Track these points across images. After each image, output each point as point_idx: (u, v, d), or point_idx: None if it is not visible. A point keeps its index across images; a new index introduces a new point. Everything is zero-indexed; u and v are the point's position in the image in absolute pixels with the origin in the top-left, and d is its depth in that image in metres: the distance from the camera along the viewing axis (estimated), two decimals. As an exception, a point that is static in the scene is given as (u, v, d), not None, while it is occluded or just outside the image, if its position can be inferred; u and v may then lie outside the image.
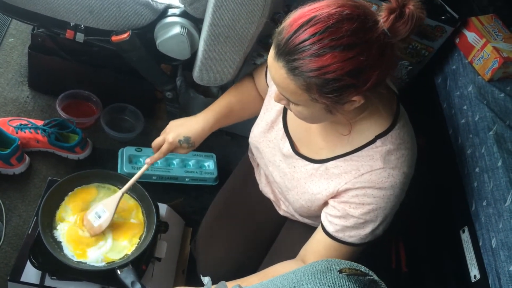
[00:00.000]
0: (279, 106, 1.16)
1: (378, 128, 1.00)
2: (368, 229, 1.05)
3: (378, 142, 1.00)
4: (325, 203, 1.10)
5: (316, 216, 1.15)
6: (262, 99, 1.28)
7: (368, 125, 1.00)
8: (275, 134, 1.17)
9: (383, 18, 0.82)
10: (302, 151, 1.13)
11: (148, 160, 1.24)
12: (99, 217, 1.21)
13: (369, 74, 0.84)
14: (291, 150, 1.13)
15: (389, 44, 0.84)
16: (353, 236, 1.06)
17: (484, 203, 1.30)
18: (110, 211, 1.21)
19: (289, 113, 1.14)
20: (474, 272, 1.29)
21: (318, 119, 1.00)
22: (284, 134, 1.15)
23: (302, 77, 0.85)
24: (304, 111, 0.95)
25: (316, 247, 1.10)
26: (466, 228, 1.36)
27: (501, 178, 1.29)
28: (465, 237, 1.36)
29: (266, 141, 1.20)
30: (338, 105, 0.89)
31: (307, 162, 1.11)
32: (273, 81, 0.93)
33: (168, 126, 1.25)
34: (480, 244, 1.29)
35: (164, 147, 1.22)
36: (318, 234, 1.11)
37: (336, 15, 0.82)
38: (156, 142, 1.24)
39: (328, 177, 1.06)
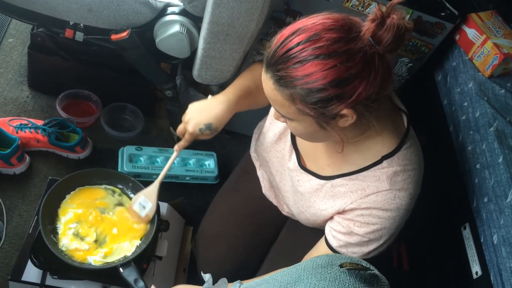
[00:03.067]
0: None
1: (384, 148, 0.99)
2: (371, 247, 1.05)
3: (385, 163, 0.99)
4: (331, 217, 1.10)
5: (321, 226, 1.15)
6: None
7: (374, 144, 1.00)
8: (283, 145, 1.17)
9: (365, 27, 0.83)
10: (309, 165, 1.12)
11: (176, 147, 1.21)
12: (144, 207, 1.26)
13: (354, 85, 0.83)
14: (297, 164, 1.13)
15: (376, 54, 0.83)
16: (356, 252, 1.06)
17: (485, 199, 1.30)
18: (152, 200, 1.26)
19: None
20: (475, 269, 1.28)
21: (314, 136, 0.97)
22: (292, 146, 1.14)
23: (286, 87, 0.86)
24: (298, 127, 0.95)
25: None
26: (467, 225, 1.36)
27: (502, 174, 1.29)
28: (467, 233, 1.35)
29: (274, 152, 1.19)
30: (328, 118, 0.88)
31: (312, 177, 1.10)
32: (266, 95, 0.94)
33: (187, 112, 1.17)
34: (482, 240, 1.28)
35: (187, 137, 1.17)
36: (321, 246, 1.11)
37: (320, 25, 0.84)
38: (179, 130, 1.18)
39: (334, 195, 1.06)
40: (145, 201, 1.26)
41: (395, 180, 0.98)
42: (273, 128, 1.19)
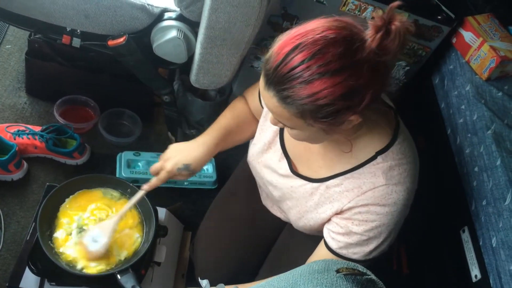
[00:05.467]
0: (275, 127, 1.14)
1: (378, 144, 0.99)
2: (372, 246, 1.04)
3: (379, 158, 0.99)
4: (328, 219, 1.09)
5: (319, 232, 1.14)
6: (257, 122, 1.26)
7: (367, 142, 0.99)
8: (271, 155, 1.16)
9: (370, 37, 0.81)
10: (301, 170, 1.12)
11: (145, 187, 1.20)
12: (96, 241, 1.17)
13: (362, 95, 0.83)
14: (288, 170, 1.12)
15: (380, 61, 0.83)
16: (357, 252, 1.05)
17: (484, 202, 1.30)
18: (107, 235, 1.17)
19: (286, 132, 1.13)
20: (475, 272, 1.28)
21: (317, 140, 0.99)
22: (283, 154, 1.14)
23: (294, 105, 0.84)
24: (301, 134, 0.95)
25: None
26: (466, 228, 1.36)
27: (500, 177, 1.28)
28: (465, 236, 1.35)
29: (264, 162, 1.19)
30: (335, 126, 0.88)
31: (305, 182, 1.10)
32: (267, 108, 0.93)
33: (167, 152, 1.20)
34: (481, 243, 1.28)
35: (162, 175, 1.17)
36: (321, 249, 1.10)
37: (321, 40, 0.81)
38: (154, 167, 1.19)
39: (329, 196, 1.06)
40: (99, 235, 1.17)
41: (391, 174, 0.98)
42: (262, 138, 1.19)
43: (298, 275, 0.68)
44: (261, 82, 0.89)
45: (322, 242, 1.11)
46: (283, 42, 0.84)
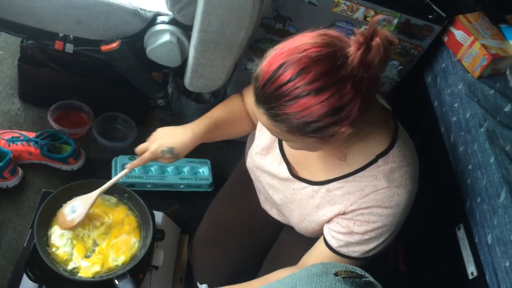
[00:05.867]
0: None
1: (378, 147, 1.00)
2: (372, 245, 1.05)
3: (380, 161, 0.99)
4: (329, 220, 1.10)
5: (321, 234, 1.15)
6: (250, 120, 1.27)
7: (366, 145, 1.00)
8: (270, 159, 1.17)
9: (351, 54, 0.82)
10: (301, 173, 1.12)
11: (128, 165, 1.22)
12: (74, 211, 1.20)
13: (349, 109, 0.84)
14: (288, 174, 1.13)
15: (366, 76, 0.83)
16: (357, 251, 1.06)
17: (478, 200, 1.31)
18: (85, 207, 1.20)
19: None
20: (471, 269, 1.29)
21: (313, 149, 1.00)
22: (282, 158, 1.14)
23: (283, 122, 0.86)
24: (296, 145, 0.98)
25: (318, 259, 1.10)
26: (461, 225, 1.37)
27: (494, 174, 1.30)
28: (461, 234, 1.36)
29: (263, 166, 1.19)
30: (326, 138, 0.89)
31: (306, 185, 1.10)
32: (262, 124, 0.94)
33: (154, 133, 1.22)
34: (476, 240, 1.29)
35: (146, 155, 1.19)
36: (321, 246, 1.11)
37: (305, 58, 0.82)
38: (140, 148, 1.21)
39: (331, 199, 1.06)
40: (78, 206, 1.20)
41: (392, 177, 0.99)
42: (260, 143, 1.19)
43: (297, 278, 0.69)
44: (253, 98, 0.91)
45: (321, 239, 1.12)
46: (269, 59, 0.86)
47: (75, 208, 1.20)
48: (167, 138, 1.19)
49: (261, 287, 0.77)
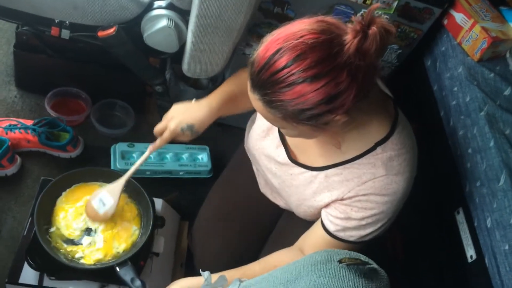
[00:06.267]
0: None
1: (377, 135, 0.99)
2: (368, 230, 1.06)
3: (379, 149, 0.99)
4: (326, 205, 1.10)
5: (319, 217, 1.15)
6: None
7: (365, 132, 1.00)
8: (270, 142, 1.16)
9: (348, 42, 0.81)
10: (300, 158, 1.12)
11: (150, 148, 1.20)
12: (104, 204, 1.19)
13: (344, 97, 0.83)
14: (286, 158, 1.13)
15: (361, 65, 0.82)
16: (354, 236, 1.07)
17: (478, 184, 1.31)
18: (114, 197, 1.20)
19: None
20: (470, 253, 1.30)
21: (308, 136, 1.00)
22: (280, 142, 1.14)
23: (277, 109, 0.86)
24: (291, 132, 0.97)
25: (315, 241, 1.11)
26: (460, 209, 1.37)
27: (493, 158, 1.30)
28: (460, 218, 1.37)
29: (262, 149, 1.19)
30: (321, 125, 0.89)
31: (304, 170, 1.10)
32: (256, 110, 0.94)
33: (170, 111, 1.19)
34: (475, 224, 1.30)
35: (166, 134, 1.16)
36: (318, 229, 1.11)
37: (301, 45, 0.81)
38: (158, 127, 1.18)
39: (329, 185, 1.06)
40: (107, 197, 1.20)
41: (390, 165, 0.99)
42: (260, 125, 1.19)
43: (300, 266, 0.69)
44: (248, 84, 0.90)
45: (318, 222, 1.12)
46: (266, 45, 0.85)
47: (104, 200, 1.19)
48: (184, 115, 1.16)
49: (265, 274, 0.78)
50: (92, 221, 1.21)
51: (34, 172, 1.60)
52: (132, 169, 1.22)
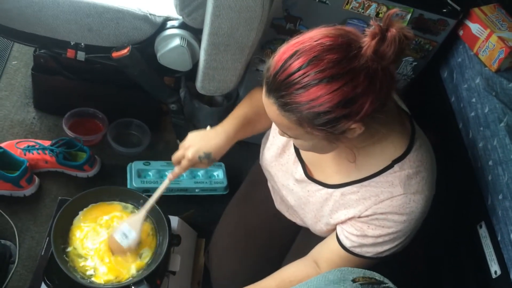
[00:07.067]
0: None
1: (394, 152, 0.97)
2: (386, 247, 1.04)
3: (396, 167, 0.97)
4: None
5: None
6: None
7: (382, 149, 0.98)
8: (287, 158, 1.15)
9: (366, 44, 0.80)
10: (316, 175, 1.11)
11: (170, 176, 1.20)
12: (126, 237, 1.18)
13: (361, 103, 0.82)
14: (303, 175, 1.11)
15: (379, 69, 0.81)
16: (370, 252, 1.05)
17: (500, 197, 1.27)
18: (136, 230, 1.19)
19: None
20: (494, 268, 1.26)
21: (323, 150, 0.97)
22: (296, 158, 1.13)
23: (292, 112, 0.84)
24: (305, 144, 0.94)
25: (331, 256, 1.09)
26: (483, 223, 1.33)
27: (515, 170, 1.26)
28: (483, 232, 1.33)
29: (278, 165, 1.18)
30: (336, 135, 0.87)
31: (320, 187, 1.09)
32: (269, 117, 0.92)
33: (187, 140, 1.19)
34: (499, 238, 1.26)
35: (184, 163, 1.17)
36: (334, 244, 1.09)
37: (318, 47, 0.81)
38: (176, 156, 1.19)
39: (345, 203, 1.05)
40: (129, 230, 1.19)
41: (409, 183, 0.97)
42: (276, 142, 1.18)
43: (313, 286, 0.67)
44: (263, 90, 0.89)
45: (333, 235, 1.10)
46: (282, 50, 0.85)
47: (126, 233, 1.19)
48: (201, 143, 1.16)
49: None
50: (116, 254, 1.20)
51: (52, 192, 1.61)
52: (153, 199, 1.22)
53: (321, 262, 1.11)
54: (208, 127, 1.19)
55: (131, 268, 1.20)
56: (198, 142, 1.16)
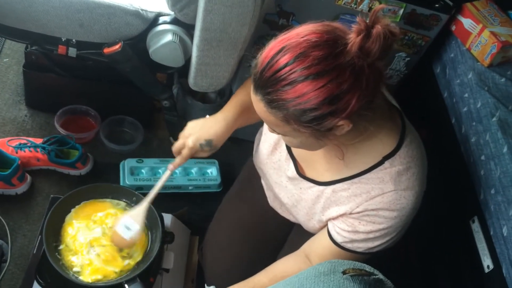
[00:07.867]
0: None
1: (384, 148, 0.97)
2: (376, 243, 1.04)
3: (387, 163, 0.97)
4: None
5: None
6: None
7: (372, 146, 0.98)
8: (279, 156, 1.15)
9: (351, 41, 0.80)
10: (307, 172, 1.10)
11: (170, 166, 1.19)
12: (129, 229, 1.18)
13: (347, 99, 0.81)
14: (295, 172, 1.11)
15: (365, 66, 0.81)
16: (361, 247, 1.05)
17: (492, 191, 1.28)
18: (139, 222, 1.18)
19: None
20: (487, 262, 1.26)
21: (310, 147, 0.97)
22: (288, 155, 1.13)
23: (279, 109, 0.84)
24: (294, 141, 0.94)
25: (322, 251, 1.09)
26: (475, 218, 1.34)
27: (508, 165, 1.26)
28: (475, 227, 1.33)
29: (270, 163, 1.18)
30: (323, 132, 0.86)
31: (312, 184, 1.09)
32: (258, 115, 0.92)
33: (187, 129, 1.17)
34: (491, 233, 1.26)
35: (185, 152, 1.15)
36: (325, 239, 1.09)
37: (305, 43, 0.80)
38: (176, 146, 1.17)
39: (336, 200, 1.05)
40: (131, 223, 1.18)
41: (399, 180, 0.97)
42: (267, 139, 1.17)
43: (304, 278, 0.67)
44: (251, 86, 0.89)
45: (324, 230, 1.10)
46: (270, 46, 0.85)
47: (128, 225, 1.18)
48: (202, 131, 1.15)
49: (269, 287, 0.76)
50: (118, 247, 1.20)
51: (44, 190, 1.60)
52: (154, 191, 1.21)
53: (312, 257, 1.11)
54: (207, 116, 1.18)
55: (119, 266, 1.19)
56: (198, 130, 1.15)
